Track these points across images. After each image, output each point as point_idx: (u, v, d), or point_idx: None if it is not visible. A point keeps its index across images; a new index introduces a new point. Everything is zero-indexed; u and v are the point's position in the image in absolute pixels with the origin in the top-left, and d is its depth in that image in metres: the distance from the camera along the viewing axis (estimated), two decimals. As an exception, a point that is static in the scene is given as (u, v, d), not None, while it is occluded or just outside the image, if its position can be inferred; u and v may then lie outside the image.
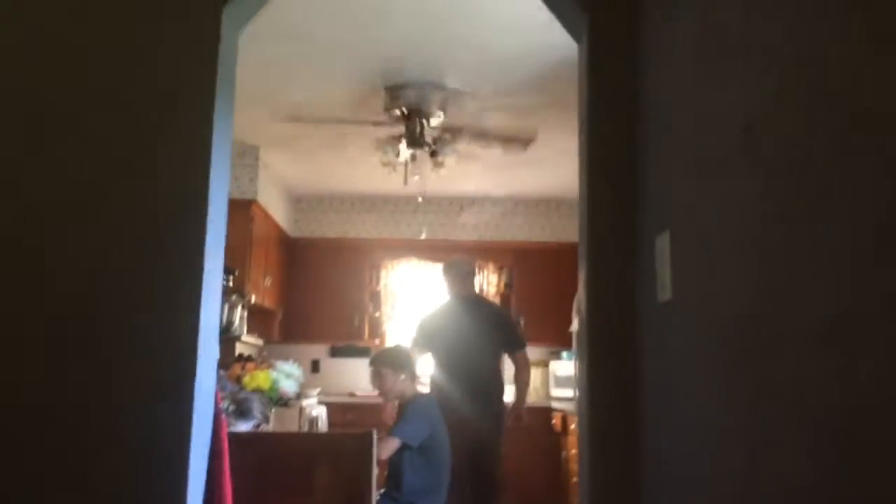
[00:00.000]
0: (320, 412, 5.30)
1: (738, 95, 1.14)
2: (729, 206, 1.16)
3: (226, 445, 1.54)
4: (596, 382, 1.65)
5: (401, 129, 4.40)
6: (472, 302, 4.55)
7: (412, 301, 6.97)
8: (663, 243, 1.43)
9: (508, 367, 4.59)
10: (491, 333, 4.39)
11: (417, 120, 4.27)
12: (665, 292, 1.42)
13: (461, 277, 4.53)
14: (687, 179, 1.37)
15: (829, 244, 0.87)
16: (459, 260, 4.72)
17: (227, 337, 4.29)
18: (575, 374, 4.36)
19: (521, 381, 4.52)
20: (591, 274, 1.68)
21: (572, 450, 5.50)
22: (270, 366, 3.17)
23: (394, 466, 3.31)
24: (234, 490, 1.62)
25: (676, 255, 1.39)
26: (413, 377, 3.62)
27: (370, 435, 2.02)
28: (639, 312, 1.60)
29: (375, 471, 2.09)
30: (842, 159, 0.85)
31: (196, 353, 1.44)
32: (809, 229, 0.91)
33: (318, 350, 6.59)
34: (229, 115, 1.63)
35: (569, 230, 6.90)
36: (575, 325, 3.98)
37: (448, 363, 4.31)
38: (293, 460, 1.96)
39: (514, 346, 4.50)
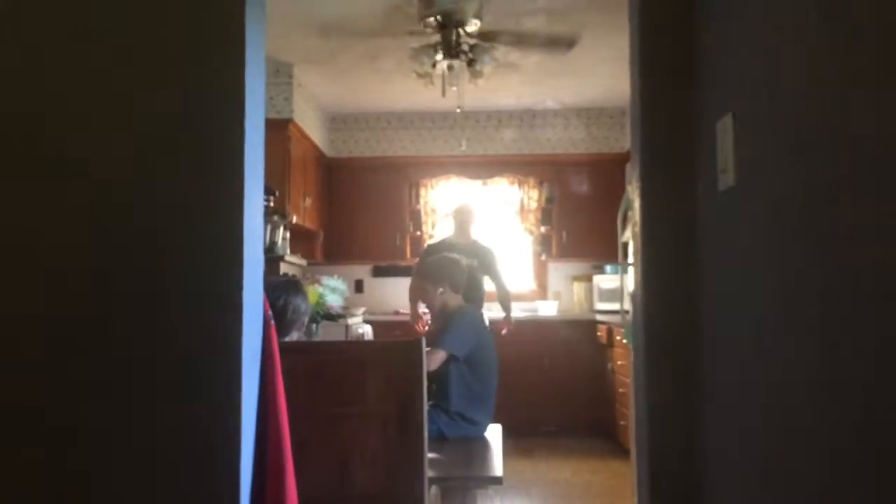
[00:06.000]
0: (366, 329, 5.36)
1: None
2: (802, 81, 1.07)
3: (276, 351, 1.53)
4: (653, 280, 1.59)
5: (436, 38, 4.26)
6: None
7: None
8: (725, 126, 1.34)
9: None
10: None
11: (453, 27, 4.13)
12: (728, 179, 1.33)
13: (464, 224, 5.43)
14: (753, 58, 1.27)
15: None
16: (465, 208, 5.55)
17: (270, 257, 4.30)
18: (621, 287, 4.31)
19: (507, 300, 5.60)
20: (646, 168, 1.60)
21: (618, 361, 5.50)
22: (316, 282, 3.18)
23: (441, 378, 3.31)
24: (286, 397, 1.61)
25: (740, 139, 1.30)
26: (455, 288, 3.56)
27: (420, 342, 2.00)
28: (698, 204, 1.53)
29: (426, 380, 2.08)
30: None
31: (242, 259, 1.42)
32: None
33: (361, 270, 6.61)
34: (261, 21, 1.55)
35: (611, 141, 6.73)
36: (626, 235, 3.90)
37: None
38: (343, 368, 1.96)
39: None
